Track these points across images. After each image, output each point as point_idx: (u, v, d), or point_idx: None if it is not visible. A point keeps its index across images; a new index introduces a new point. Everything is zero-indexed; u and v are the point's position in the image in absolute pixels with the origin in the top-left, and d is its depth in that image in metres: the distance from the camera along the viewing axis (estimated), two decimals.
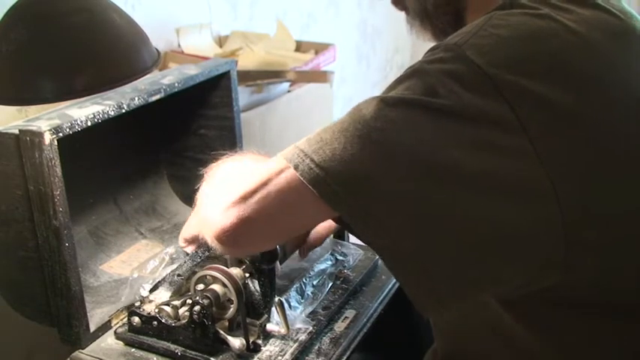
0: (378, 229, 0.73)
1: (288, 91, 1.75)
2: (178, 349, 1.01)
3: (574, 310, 0.79)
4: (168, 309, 1.02)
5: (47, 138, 0.94)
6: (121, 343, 1.06)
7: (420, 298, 0.75)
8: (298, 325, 1.05)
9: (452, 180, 0.71)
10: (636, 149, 0.77)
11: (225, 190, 0.83)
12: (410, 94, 0.73)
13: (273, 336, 1.03)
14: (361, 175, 0.72)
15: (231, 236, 0.81)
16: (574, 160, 0.72)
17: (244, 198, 0.79)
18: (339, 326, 1.08)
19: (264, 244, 0.89)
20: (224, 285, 0.99)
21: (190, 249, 1.11)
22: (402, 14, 0.97)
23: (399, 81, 0.76)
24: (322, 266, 1.17)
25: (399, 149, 0.72)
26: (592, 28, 0.77)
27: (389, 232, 0.73)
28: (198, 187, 0.96)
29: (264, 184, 0.77)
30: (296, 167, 0.74)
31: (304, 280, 1.12)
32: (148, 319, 1.02)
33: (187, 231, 1.09)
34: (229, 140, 1.35)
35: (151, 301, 1.06)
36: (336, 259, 1.21)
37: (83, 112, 1.02)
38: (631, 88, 0.78)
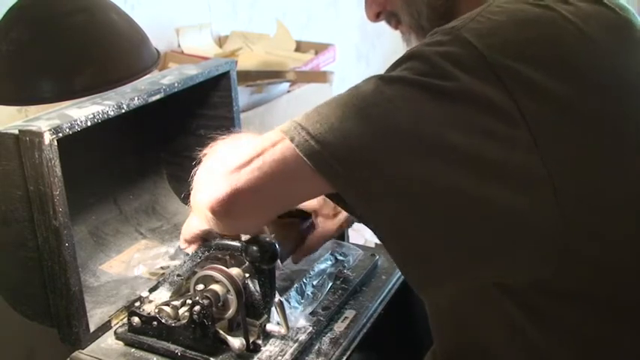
0: (371, 203, 0.73)
1: (288, 92, 1.75)
2: (178, 350, 1.01)
3: (579, 306, 0.79)
4: (168, 309, 1.01)
5: (47, 138, 0.94)
6: (120, 343, 1.06)
7: (415, 275, 0.76)
8: (298, 325, 1.05)
9: (446, 160, 0.71)
10: (629, 138, 0.77)
11: (220, 163, 0.83)
12: (408, 74, 0.74)
13: (273, 336, 1.03)
14: (357, 150, 0.73)
15: (225, 206, 0.80)
16: (569, 149, 0.73)
17: (238, 168, 0.79)
18: (339, 326, 1.08)
19: (257, 217, 0.87)
20: (224, 285, 0.99)
21: (191, 249, 1.11)
22: None
23: (397, 63, 0.77)
24: (322, 266, 1.17)
25: (394, 126, 0.72)
26: (589, 18, 0.79)
27: (382, 208, 0.73)
28: (194, 173, 0.94)
29: (259, 154, 0.78)
30: (292, 139, 0.75)
31: (304, 280, 1.12)
32: (147, 320, 1.02)
33: (187, 230, 1.08)
34: None
35: (150, 301, 1.06)
36: (336, 259, 1.21)
37: (83, 112, 1.02)
38: (625, 78, 0.79)
